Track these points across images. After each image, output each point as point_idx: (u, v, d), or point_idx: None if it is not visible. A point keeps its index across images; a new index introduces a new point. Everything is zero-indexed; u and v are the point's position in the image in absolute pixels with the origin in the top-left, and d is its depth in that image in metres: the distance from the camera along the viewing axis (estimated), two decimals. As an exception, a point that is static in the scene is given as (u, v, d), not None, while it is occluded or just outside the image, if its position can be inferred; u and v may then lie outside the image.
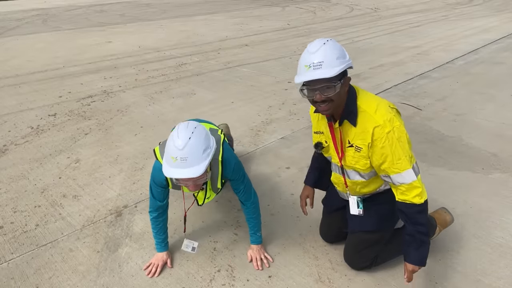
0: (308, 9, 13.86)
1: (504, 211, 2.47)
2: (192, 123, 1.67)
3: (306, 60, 1.56)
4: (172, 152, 1.59)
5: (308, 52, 1.56)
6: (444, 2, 15.25)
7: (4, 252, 2.23)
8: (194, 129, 1.61)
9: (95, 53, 7.56)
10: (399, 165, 1.62)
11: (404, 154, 1.61)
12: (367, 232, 1.93)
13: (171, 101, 4.72)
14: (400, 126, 1.63)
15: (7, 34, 10.17)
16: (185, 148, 1.56)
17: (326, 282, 1.96)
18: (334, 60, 1.53)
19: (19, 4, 19.07)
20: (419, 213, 1.66)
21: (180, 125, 1.65)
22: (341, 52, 1.57)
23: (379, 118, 1.61)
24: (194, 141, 1.58)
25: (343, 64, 1.54)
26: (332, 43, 1.57)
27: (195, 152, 1.58)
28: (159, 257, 2.09)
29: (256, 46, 7.80)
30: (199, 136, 1.61)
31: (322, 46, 1.54)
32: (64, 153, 3.43)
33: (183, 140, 1.57)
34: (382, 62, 6.33)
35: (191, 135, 1.58)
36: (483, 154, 3.21)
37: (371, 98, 1.71)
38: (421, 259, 1.69)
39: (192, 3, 17.35)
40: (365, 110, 1.65)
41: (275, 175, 2.98)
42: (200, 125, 1.68)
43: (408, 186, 1.64)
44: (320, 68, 1.52)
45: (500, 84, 5.07)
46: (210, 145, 1.67)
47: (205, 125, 2.01)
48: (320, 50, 1.54)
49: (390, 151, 1.61)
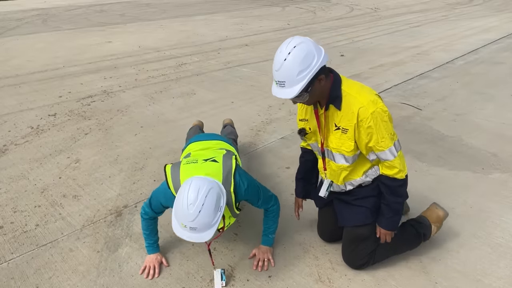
0: (308, 9, 13.86)
1: (504, 211, 2.47)
2: (205, 187, 1.61)
3: (273, 73, 1.62)
4: (182, 219, 1.60)
5: (274, 67, 1.61)
6: (444, 2, 15.25)
7: (4, 252, 2.23)
8: (205, 199, 1.59)
9: (95, 53, 7.56)
10: (383, 143, 1.72)
11: (388, 132, 1.72)
12: (358, 226, 1.96)
13: (171, 101, 4.72)
14: (382, 106, 1.72)
15: (7, 34, 10.17)
16: (195, 220, 1.58)
17: (326, 282, 1.96)
18: (295, 77, 1.56)
19: (19, 4, 19.07)
20: (400, 187, 1.82)
21: (191, 189, 1.60)
22: (304, 63, 1.56)
23: (363, 99, 1.70)
24: (205, 213, 1.58)
25: (305, 78, 1.56)
26: (294, 55, 1.55)
27: (204, 221, 1.60)
28: (152, 258, 2.09)
29: (256, 46, 7.81)
30: (210, 206, 1.60)
31: (283, 63, 1.56)
32: (64, 153, 3.43)
33: (194, 213, 1.57)
34: (382, 62, 6.33)
35: (201, 207, 1.57)
36: (483, 154, 3.21)
37: (355, 83, 1.80)
38: (394, 225, 1.88)
39: (192, 3, 17.35)
40: (349, 93, 1.73)
41: (275, 175, 2.98)
42: (212, 188, 1.63)
43: (391, 162, 1.76)
44: (283, 87, 1.59)
45: (500, 84, 5.07)
46: (220, 206, 1.66)
47: (216, 153, 1.98)
48: (282, 69, 1.57)
49: (375, 130, 1.70)
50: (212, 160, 1.89)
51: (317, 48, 1.62)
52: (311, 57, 1.58)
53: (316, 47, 1.62)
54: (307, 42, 1.61)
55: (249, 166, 3.12)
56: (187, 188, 1.61)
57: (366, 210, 1.94)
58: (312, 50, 1.58)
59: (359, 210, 1.95)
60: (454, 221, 2.38)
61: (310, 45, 1.60)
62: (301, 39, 1.61)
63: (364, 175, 1.91)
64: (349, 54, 6.91)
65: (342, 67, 6.07)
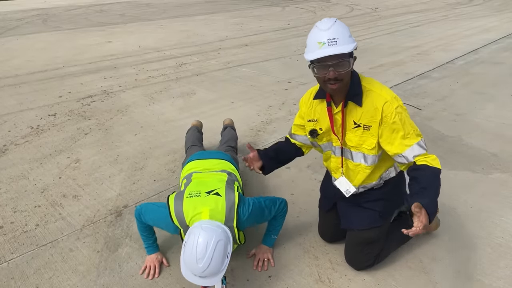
0: (308, 9, 13.86)
1: (504, 211, 2.47)
2: (213, 240, 1.63)
3: (318, 37, 1.57)
4: (192, 270, 1.64)
5: (320, 30, 1.58)
6: (444, 2, 15.25)
7: (4, 252, 2.23)
8: (214, 252, 1.62)
9: (95, 53, 7.56)
10: (409, 140, 1.65)
11: (413, 128, 1.66)
12: (365, 230, 1.94)
13: (171, 101, 4.72)
14: (403, 104, 1.70)
15: (7, 34, 10.17)
16: (205, 271, 1.61)
17: (326, 282, 1.96)
18: (347, 37, 1.57)
19: (19, 4, 19.07)
20: (438, 174, 1.59)
21: (200, 241, 1.62)
22: (349, 31, 1.61)
23: (386, 95, 1.67)
24: (213, 264, 1.62)
25: (354, 42, 1.59)
26: (341, 22, 1.60)
27: (213, 270, 1.63)
28: (152, 258, 2.09)
29: (256, 46, 7.81)
30: (218, 257, 1.63)
31: (334, 23, 1.57)
32: (64, 153, 3.43)
33: (203, 266, 1.60)
34: (382, 62, 6.33)
35: (210, 261, 1.60)
36: (483, 154, 3.21)
37: (373, 80, 1.76)
38: (433, 207, 1.50)
39: (192, 3, 17.35)
40: (371, 89, 1.69)
41: (275, 175, 2.97)
42: (220, 240, 1.66)
43: (423, 155, 1.64)
44: (335, 44, 1.55)
45: (500, 84, 5.07)
46: (228, 252, 1.70)
47: (220, 182, 1.98)
48: (333, 28, 1.56)
49: (401, 125, 1.64)
50: (215, 193, 1.90)
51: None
52: (350, 31, 1.63)
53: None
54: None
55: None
56: (195, 243, 1.63)
57: (375, 213, 1.91)
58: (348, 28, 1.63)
59: (368, 213, 1.93)
60: (454, 221, 2.38)
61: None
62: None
63: (379, 179, 1.89)
64: (349, 54, 6.90)
65: (342, 67, 6.06)
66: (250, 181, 2.91)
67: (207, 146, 3.31)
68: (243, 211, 1.88)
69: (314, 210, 2.34)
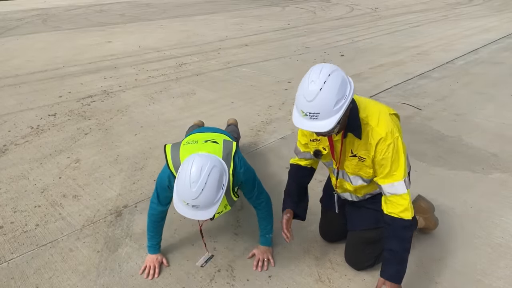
0: (308, 9, 13.86)
1: (504, 211, 2.47)
2: (208, 165, 1.59)
3: (302, 104, 1.47)
4: (185, 197, 1.58)
5: (304, 98, 1.45)
6: (444, 2, 15.25)
7: (4, 252, 2.23)
8: (208, 176, 1.56)
9: (95, 53, 7.56)
10: (394, 176, 1.64)
11: (400, 165, 1.63)
12: (367, 230, 1.94)
13: (171, 101, 4.72)
14: (398, 137, 1.64)
15: (7, 34, 10.17)
16: (198, 198, 1.56)
17: (326, 282, 1.96)
18: (332, 109, 1.43)
19: (19, 4, 19.07)
20: (405, 228, 1.65)
21: (194, 166, 1.57)
22: (340, 92, 1.44)
23: (382, 130, 1.61)
24: (208, 191, 1.56)
25: (342, 108, 1.45)
26: (330, 84, 1.42)
27: (207, 199, 1.58)
28: (153, 258, 2.08)
29: (256, 46, 7.80)
30: (213, 184, 1.58)
31: (318, 94, 1.42)
32: (64, 153, 3.43)
33: (197, 191, 1.55)
34: (382, 62, 6.33)
35: (204, 186, 1.55)
36: (483, 154, 3.21)
37: (372, 108, 1.68)
38: (398, 277, 1.66)
39: (192, 3, 17.35)
40: (368, 123, 1.64)
41: (275, 175, 2.98)
42: (215, 166, 1.61)
43: (398, 197, 1.65)
44: (316, 119, 1.45)
45: (500, 84, 5.07)
46: (223, 184, 1.65)
47: (217, 137, 1.97)
48: (316, 100, 1.42)
49: (390, 162, 1.63)
50: (212, 141, 1.88)
51: (347, 76, 1.51)
52: (345, 85, 1.47)
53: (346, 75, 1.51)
54: (339, 69, 1.48)
55: (249, 166, 3.12)
56: (189, 166, 1.58)
57: (377, 213, 1.90)
58: (344, 77, 1.48)
59: (370, 214, 1.93)
60: (454, 221, 2.38)
61: (342, 72, 1.49)
62: (333, 67, 1.49)
63: None
64: (349, 54, 6.90)
65: (342, 67, 6.02)
66: (250, 181, 2.91)
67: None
68: (239, 161, 1.86)
69: (314, 210, 2.33)
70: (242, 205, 2.60)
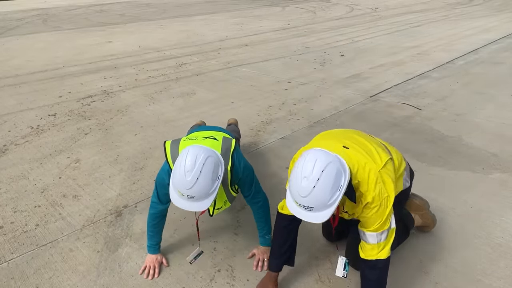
0: (308, 9, 13.86)
1: (504, 211, 2.47)
2: (202, 155, 1.60)
3: (295, 196, 1.46)
4: (180, 187, 1.59)
5: (297, 192, 1.44)
6: (444, 2, 15.25)
7: (4, 252, 2.23)
8: (203, 166, 1.57)
9: (95, 53, 7.56)
10: (374, 229, 1.64)
11: (382, 221, 1.62)
12: None
13: (171, 101, 4.72)
14: (387, 196, 1.60)
15: (7, 34, 10.17)
16: (193, 187, 1.57)
17: (326, 282, 1.96)
18: (326, 203, 1.43)
19: (19, 4, 19.07)
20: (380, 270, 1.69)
21: (189, 156, 1.59)
22: (335, 186, 1.43)
23: (370, 195, 1.59)
24: (202, 180, 1.57)
25: (337, 200, 1.44)
26: (324, 180, 1.40)
27: (202, 190, 1.59)
28: (153, 258, 2.08)
29: (256, 46, 7.80)
30: (207, 173, 1.59)
31: (312, 191, 1.40)
32: (64, 153, 3.43)
33: (191, 180, 1.56)
34: (382, 62, 6.33)
35: (199, 175, 1.56)
36: (483, 154, 3.21)
37: (362, 172, 1.60)
38: None
39: (192, 3, 17.35)
40: (358, 188, 1.62)
41: (275, 175, 2.98)
42: (210, 156, 1.62)
43: (366, 244, 1.68)
44: (311, 211, 1.45)
45: (500, 84, 5.07)
46: (218, 175, 1.66)
47: (217, 134, 1.98)
48: (310, 196, 1.41)
49: (372, 220, 1.63)
50: (212, 138, 1.89)
51: (341, 162, 1.49)
52: (340, 176, 1.44)
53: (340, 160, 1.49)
54: (333, 160, 1.45)
55: (249, 166, 3.12)
56: (184, 155, 1.60)
57: None
58: (339, 168, 1.45)
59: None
60: (454, 221, 2.38)
61: (337, 162, 1.45)
62: (327, 159, 1.44)
63: None
64: (349, 54, 6.91)
65: (342, 67, 6.07)
66: (250, 181, 2.91)
67: (207, 146, 3.32)
68: (238, 158, 1.87)
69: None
70: (242, 205, 2.60)
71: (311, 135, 3.58)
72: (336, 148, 1.65)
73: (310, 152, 1.50)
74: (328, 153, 1.50)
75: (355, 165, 1.61)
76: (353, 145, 1.69)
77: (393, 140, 3.44)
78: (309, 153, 1.49)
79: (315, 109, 4.30)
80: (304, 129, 3.80)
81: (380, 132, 3.62)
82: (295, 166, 1.50)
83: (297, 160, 1.51)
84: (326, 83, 5.28)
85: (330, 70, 5.89)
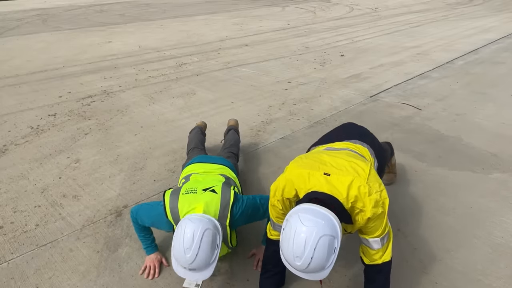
0: (308, 9, 13.86)
1: (504, 211, 2.47)
2: (200, 229, 1.62)
3: (292, 268, 1.47)
4: (181, 262, 1.63)
5: (294, 268, 1.44)
6: (444, 2, 15.25)
7: (4, 252, 2.23)
8: (201, 241, 1.61)
9: (95, 53, 7.56)
10: (378, 234, 1.65)
11: (383, 224, 1.63)
12: None
13: (171, 101, 4.72)
14: (383, 201, 1.60)
15: (7, 34, 10.17)
16: (194, 262, 1.61)
17: (326, 282, 1.96)
18: (325, 268, 1.44)
19: (19, 4, 19.07)
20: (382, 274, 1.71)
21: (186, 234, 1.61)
22: (330, 251, 1.42)
23: (368, 211, 1.58)
24: (202, 253, 1.61)
25: (333, 261, 1.45)
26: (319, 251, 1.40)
27: (203, 261, 1.62)
28: (152, 258, 2.09)
29: (256, 46, 7.80)
30: (206, 246, 1.62)
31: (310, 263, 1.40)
32: (64, 153, 3.43)
33: (191, 256, 1.60)
34: (382, 62, 6.33)
35: (198, 251, 1.60)
36: (483, 154, 3.21)
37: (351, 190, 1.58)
38: None
39: (192, 3, 17.35)
40: (354, 206, 1.61)
41: (275, 175, 2.97)
42: (207, 229, 1.65)
43: (370, 250, 1.69)
44: (310, 273, 1.46)
45: (500, 84, 5.07)
46: (217, 244, 1.69)
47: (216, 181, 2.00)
48: (310, 267, 1.42)
49: (375, 228, 1.64)
50: (211, 190, 1.90)
51: (333, 226, 1.44)
52: (333, 243, 1.44)
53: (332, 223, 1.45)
54: (323, 230, 1.41)
55: (248, 166, 3.12)
56: (182, 233, 1.63)
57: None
58: (331, 237, 1.42)
59: None
60: (454, 221, 2.38)
61: (326, 229, 1.42)
62: (321, 231, 1.41)
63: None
64: (349, 54, 6.91)
65: (342, 67, 6.07)
66: (249, 180, 2.91)
67: (208, 147, 3.31)
68: (236, 208, 1.89)
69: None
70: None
71: (311, 135, 3.59)
72: (318, 180, 1.62)
73: (297, 226, 1.42)
74: (317, 221, 1.43)
75: (343, 191, 1.58)
76: (333, 169, 1.66)
77: (393, 140, 3.44)
78: (296, 227, 1.42)
79: (315, 109, 4.31)
80: (304, 129, 3.80)
81: (380, 132, 3.62)
82: (285, 238, 1.45)
83: (285, 230, 1.46)
84: (326, 83, 5.28)
85: (330, 70, 5.90)
